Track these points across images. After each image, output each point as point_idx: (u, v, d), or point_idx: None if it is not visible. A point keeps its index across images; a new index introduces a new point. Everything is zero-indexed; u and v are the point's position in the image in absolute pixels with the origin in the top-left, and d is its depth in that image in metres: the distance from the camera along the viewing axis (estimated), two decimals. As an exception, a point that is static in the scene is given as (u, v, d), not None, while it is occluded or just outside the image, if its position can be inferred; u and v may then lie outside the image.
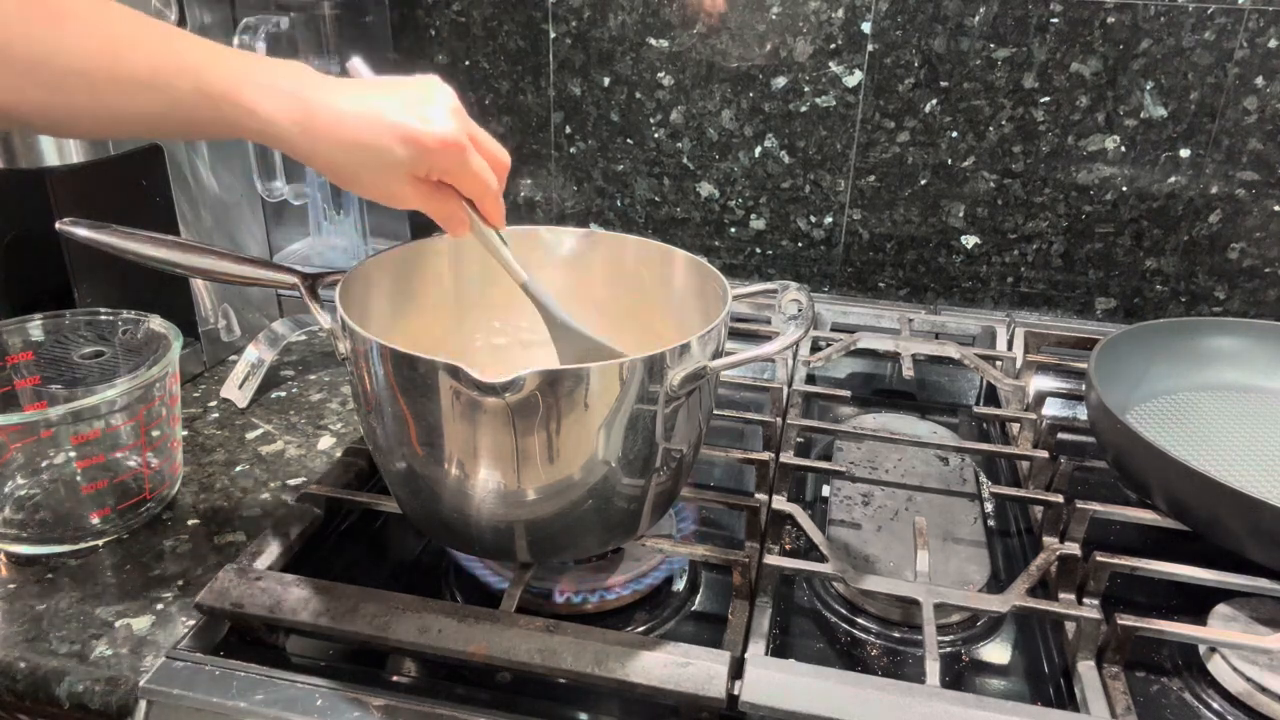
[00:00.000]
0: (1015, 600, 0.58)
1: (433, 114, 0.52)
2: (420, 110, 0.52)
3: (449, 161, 0.53)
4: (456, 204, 0.56)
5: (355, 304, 0.59)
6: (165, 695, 0.54)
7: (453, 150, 0.52)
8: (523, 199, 1.10)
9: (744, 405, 0.88)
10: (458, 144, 0.52)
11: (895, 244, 1.02)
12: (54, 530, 0.68)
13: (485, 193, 0.56)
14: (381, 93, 0.52)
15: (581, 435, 0.53)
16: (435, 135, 0.51)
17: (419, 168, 0.52)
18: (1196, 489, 0.63)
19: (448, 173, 0.54)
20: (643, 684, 0.51)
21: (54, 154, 0.77)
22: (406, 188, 0.53)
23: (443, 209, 0.56)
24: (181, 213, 0.89)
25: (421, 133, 0.51)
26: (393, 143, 0.51)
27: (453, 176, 0.54)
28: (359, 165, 0.52)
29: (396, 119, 0.51)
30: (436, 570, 0.67)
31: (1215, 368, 0.84)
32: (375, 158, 0.52)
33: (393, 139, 0.51)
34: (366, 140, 0.51)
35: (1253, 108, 0.89)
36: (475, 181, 0.55)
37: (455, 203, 0.56)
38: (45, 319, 0.74)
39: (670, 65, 1.00)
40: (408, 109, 0.51)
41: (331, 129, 0.51)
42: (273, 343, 0.92)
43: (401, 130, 0.51)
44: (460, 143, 0.52)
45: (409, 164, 0.52)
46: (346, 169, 0.53)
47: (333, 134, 0.51)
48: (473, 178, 0.54)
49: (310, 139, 0.51)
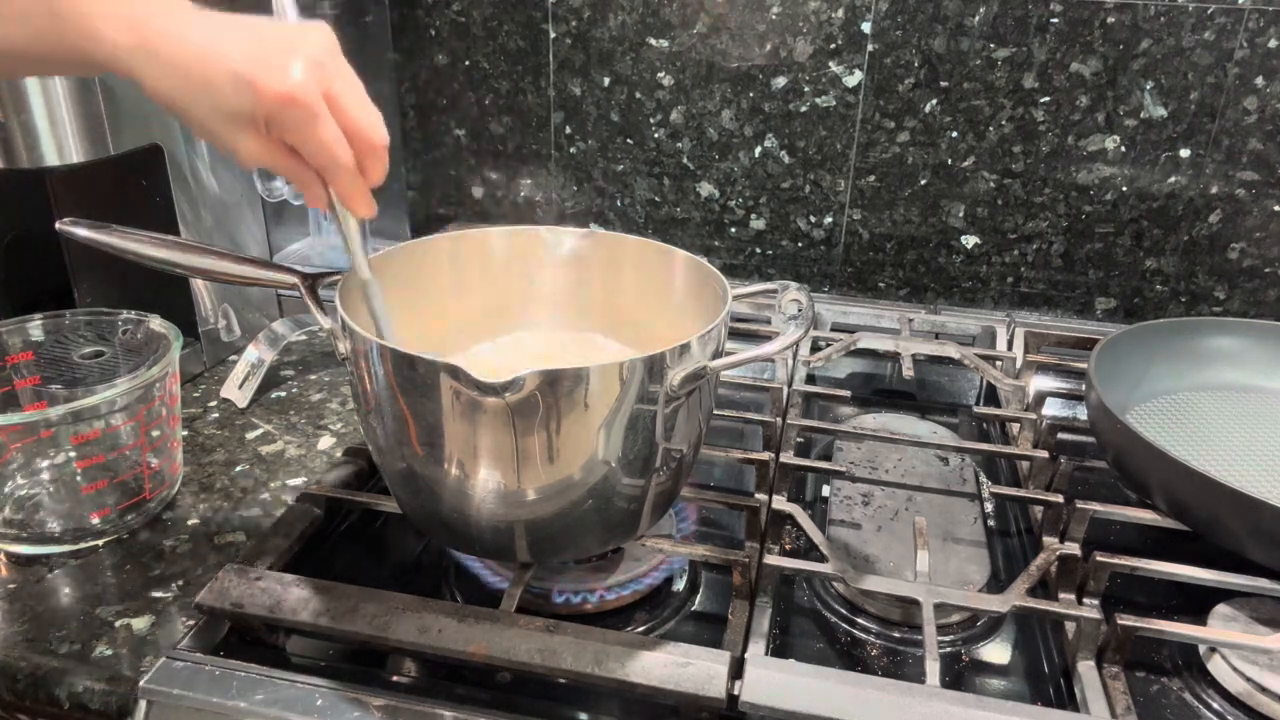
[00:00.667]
0: (1015, 600, 0.58)
1: (285, 61, 0.46)
2: (273, 56, 0.46)
3: (287, 119, 0.47)
4: (309, 173, 0.50)
5: (355, 304, 0.59)
6: (165, 695, 0.54)
7: (291, 106, 0.46)
8: (523, 199, 1.10)
9: (744, 405, 0.88)
10: (300, 101, 0.46)
11: (895, 244, 1.02)
12: (54, 530, 0.68)
13: (333, 167, 0.49)
14: (244, 30, 0.47)
15: (581, 435, 0.53)
16: (274, 87, 0.45)
17: (255, 119, 0.47)
18: (1196, 489, 0.63)
19: (286, 132, 0.47)
20: (643, 684, 0.51)
21: (54, 154, 0.77)
22: (245, 139, 0.48)
23: (294, 174, 0.50)
24: (181, 213, 0.89)
25: (258, 79, 0.45)
26: (225, 83, 0.46)
27: (293, 138, 0.48)
28: (191, 102, 0.47)
29: (236, 59, 0.45)
30: (436, 570, 0.67)
31: (1215, 368, 0.84)
32: (206, 96, 0.46)
33: (227, 79, 0.45)
34: (198, 75, 0.46)
35: (1253, 108, 0.89)
36: (320, 151, 0.48)
37: (308, 172, 0.50)
38: (45, 319, 0.74)
39: (670, 65, 1.00)
40: (258, 51, 0.46)
41: (168, 58, 0.46)
42: (273, 343, 0.92)
43: (237, 71, 0.45)
44: (303, 100, 0.46)
45: (243, 111, 0.46)
46: (180, 104, 0.47)
47: (168, 64, 0.46)
48: (318, 147, 0.48)
49: (147, 66, 0.47)
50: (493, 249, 0.71)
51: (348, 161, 0.49)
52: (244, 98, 0.46)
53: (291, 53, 0.46)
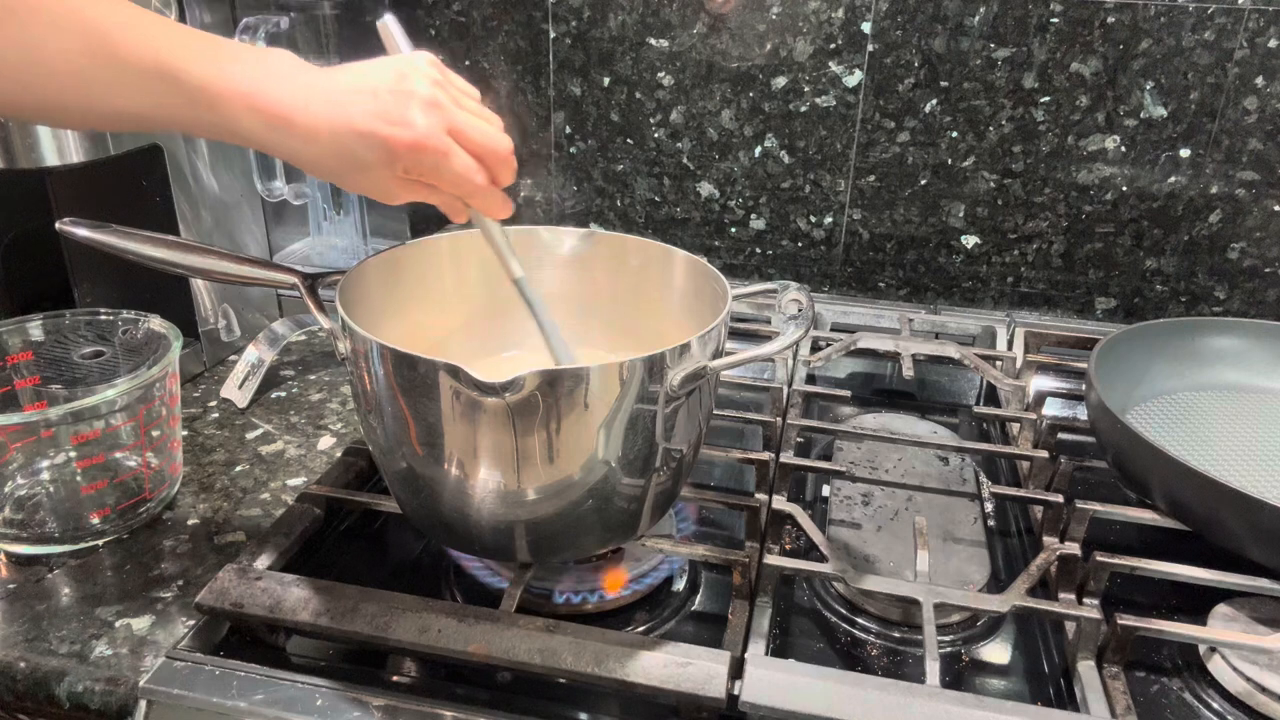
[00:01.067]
0: (1015, 600, 0.58)
1: (406, 113, 0.50)
2: (392, 109, 0.50)
3: (423, 164, 0.51)
4: (448, 195, 0.54)
5: (355, 304, 0.59)
6: (165, 695, 0.54)
7: (423, 153, 0.50)
8: (523, 199, 1.10)
9: (744, 405, 0.88)
10: (429, 147, 0.50)
11: (895, 244, 1.02)
12: (54, 530, 0.68)
13: (471, 192, 0.54)
14: (358, 89, 0.50)
15: (581, 435, 0.53)
16: (403, 138, 0.49)
17: (394, 169, 0.51)
18: (1196, 489, 0.63)
19: (423, 174, 0.52)
20: (643, 684, 0.51)
21: (54, 154, 0.77)
22: (390, 185, 0.52)
23: (436, 200, 0.54)
24: (181, 213, 0.89)
25: (389, 135, 0.49)
26: (360, 146, 0.49)
27: (430, 178, 0.52)
28: (336, 167, 0.51)
29: (364, 122, 0.49)
30: (436, 570, 0.67)
31: (1215, 368, 0.84)
32: (347, 160, 0.50)
33: (360, 142, 0.49)
34: (333, 144, 0.50)
35: (1253, 108, 0.89)
36: (457, 183, 0.53)
37: (447, 195, 0.54)
38: (45, 319, 0.74)
39: (670, 65, 1.00)
40: (379, 109, 0.50)
41: (304, 131, 0.49)
42: (273, 343, 0.92)
43: (368, 133, 0.49)
44: (431, 145, 0.50)
45: (382, 165, 0.50)
46: (327, 169, 0.52)
47: (306, 136, 0.49)
48: (453, 179, 0.52)
49: (285, 141, 0.50)
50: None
51: (483, 184, 0.53)
52: (378, 154, 0.50)
53: (410, 100, 0.50)
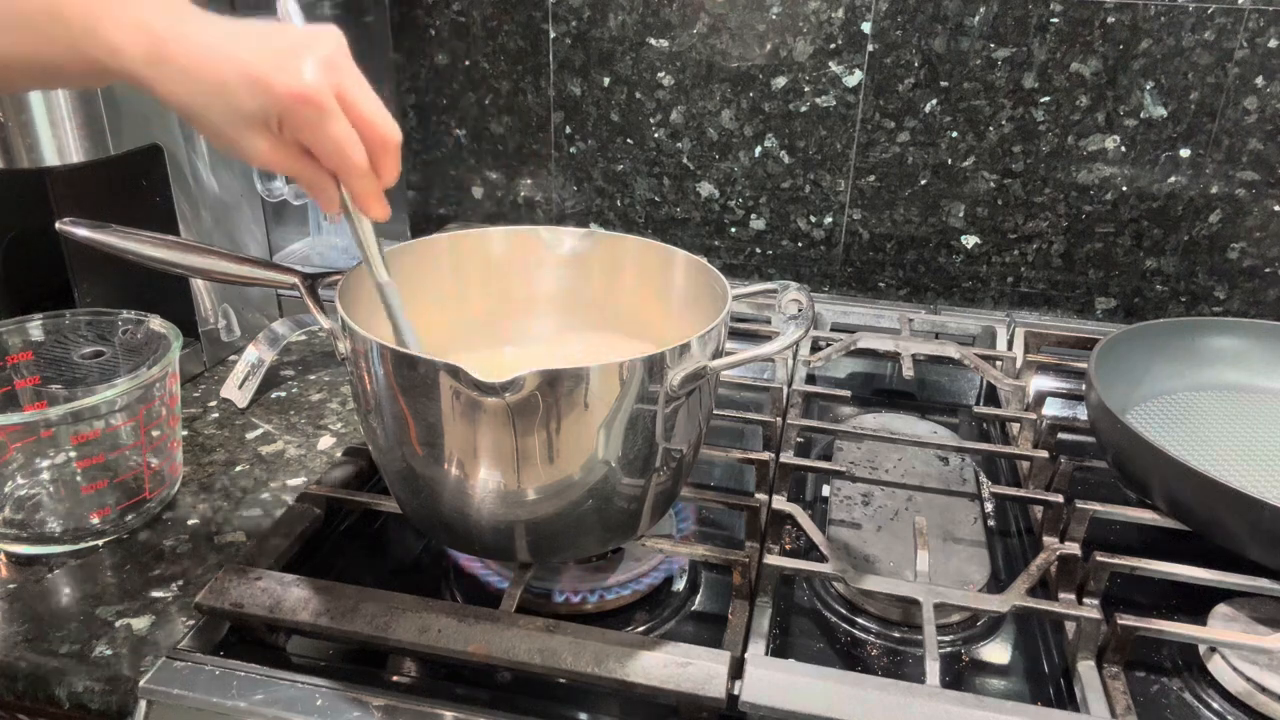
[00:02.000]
0: (1015, 600, 0.58)
1: (297, 63, 0.46)
2: (284, 57, 0.46)
3: (299, 117, 0.47)
4: (323, 175, 0.50)
5: (355, 304, 0.59)
6: (165, 695, 0.54)
7: (304, 104, 0.46)
8: (523, 199, 1.10)
9: (744, 405, 0.88)
10: (312, 99, 0.46)
11: (895, 244, 1.02)
12: (54, 530, 0.68)
13: (347, 167, 0.49)
14: (253, 34, 0.47)
15: (581, 435, 0.53)
16: (287, 84, 0.46)
17: (269, 119, 0.47)
18: (1196, 489, 0.63)
19: (299, 131, 0.48)
20: (643, 684, 0.51)
21: (54, 154, 0.77)
22: (259, 141, 0.48)
23: (307, 176, 0.50)
24: (181, 213, 0.89)
25: (269, 78, 0.46)
26: (238, 84, 0.46)
27: (305, 137, 0.48)
28: (204, 107, 0.47)
29: (248, 59, 0.46)
30: (436, 570, 0.67)
31: (1215, 368, 0.84)
32: (220, 99, 0.47)
33: (239, 80, 0.46)
34: (211, 78, 0.46)
35: (1253, 108, 0.89)
36: (334, 151, 0.49)
37: (321, 173, 0.50)
38: (45, 319, 0.74)
39: (670, 65, 1.00)
40: (269, 52, 0.46)
41: (181, 63, 0.46)
42: (273, 343, 0.92)
43: (249, 71, 0.46)
44: (315, 98, 0.46)
45: (255, 111, 0.47)
46: (193, 109, 0.48)
47: (181, 68, 0.46)
48: (331, 145, 0.48)
49: (157, 71, 0.47)
50: (493, 249, 0.71)
51: (361, 160, 0.49)
52: (257, 98, 0.46)
53: (303, 53, 0.47)
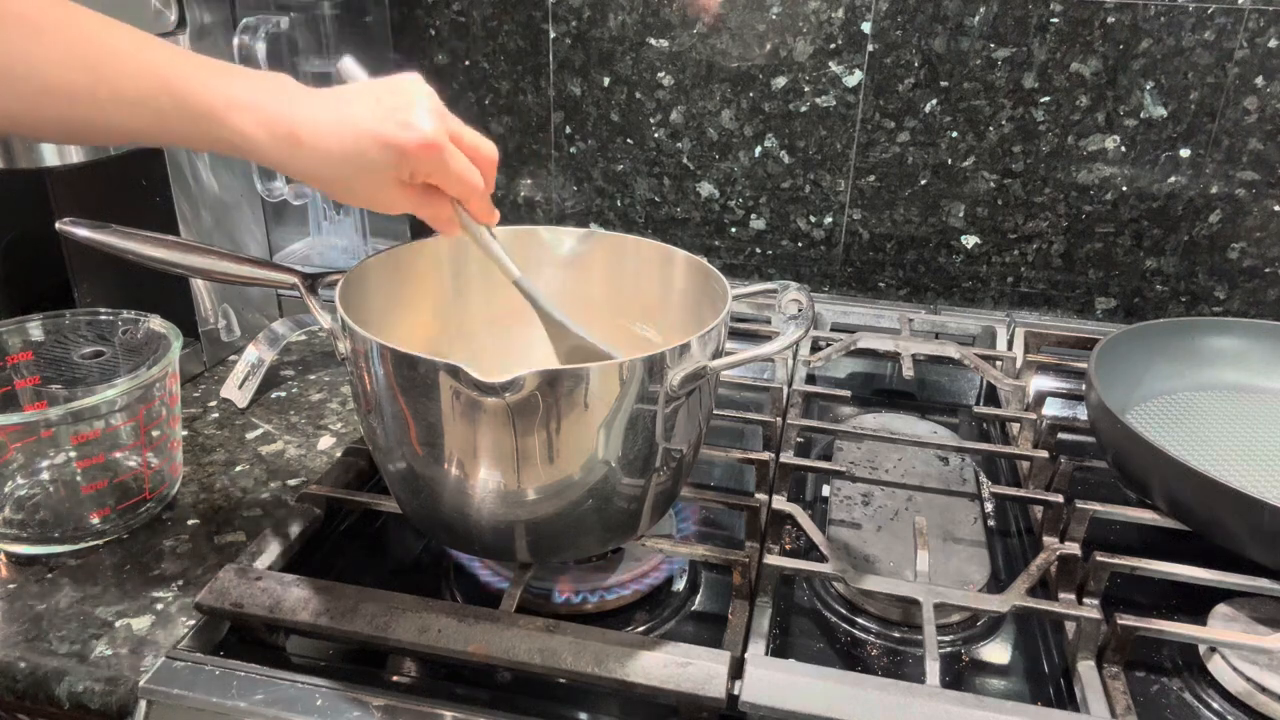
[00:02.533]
0: (1015, 600, 0.58)
1: (411, 117, 0.52)
2: (398, 114, 0.52)
3: (429, 164, 0.53)
4: (445, 205, 0.56)
5: (355, 304, 0.59)
6: (165, 695, 0.54)
7: (432, 152, 0.53)
8: (523, 199, 1.10)
9: (744, 405, 0.88)
10: (436, 145, 0.53)
11: (895, 244, 1.02)
12: (54, 530, 0.68)
13: (471, 192, 0.56)
14: (360, 100, 0.53)
15: (581, 435, 0.53)
16: (413, 139, 0.52)
17: (401, 172, 0.53)
18: (1196, 489, 0.63)
19: (430, 175, 0.54)
20: (643, 684, 0.51)
21: (54, 154, 0.77)
22: (393, 192, 0.54)
23: (432, 210, 0.56)
24: (181, 213, 0.89)
25: (399, 137, 0.52)
26: (372, 150, 0.52)
27: (436, 178, 0.54)
28: (344, 176, 0.53)
29: (373, 126, 0.52)
30: (436, 570, 0.67)
31: (1215, 368, 0.84)
32: (358, 167, 0.52)
33: (372, 146, 0.52)
34: (347, 150, 0.52)
35: (1253, 108, 0.89)
36: (459, 182, 0.55)
37: (444, 204, 0.56)
38: (45, 319, 0.74)
39: (670, 65, 1.00)
40: (385, 114, 0.52)
41: (313, 143, 0.52)
42: (273, 343, 0.92)
43: (379, 136, 0.51)
44: (438, 144, 0.53)
45: (391, 169, 0.52)
46: (332, 180, 0.54)
47: (314, 147, 0.52)
48: (456, 179, 0.55)
49: (293, 154, 0.52)
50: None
51: (480, 182, 0.56)
52: (389, 156, 0.52)
53: (411, 107, 0.52)
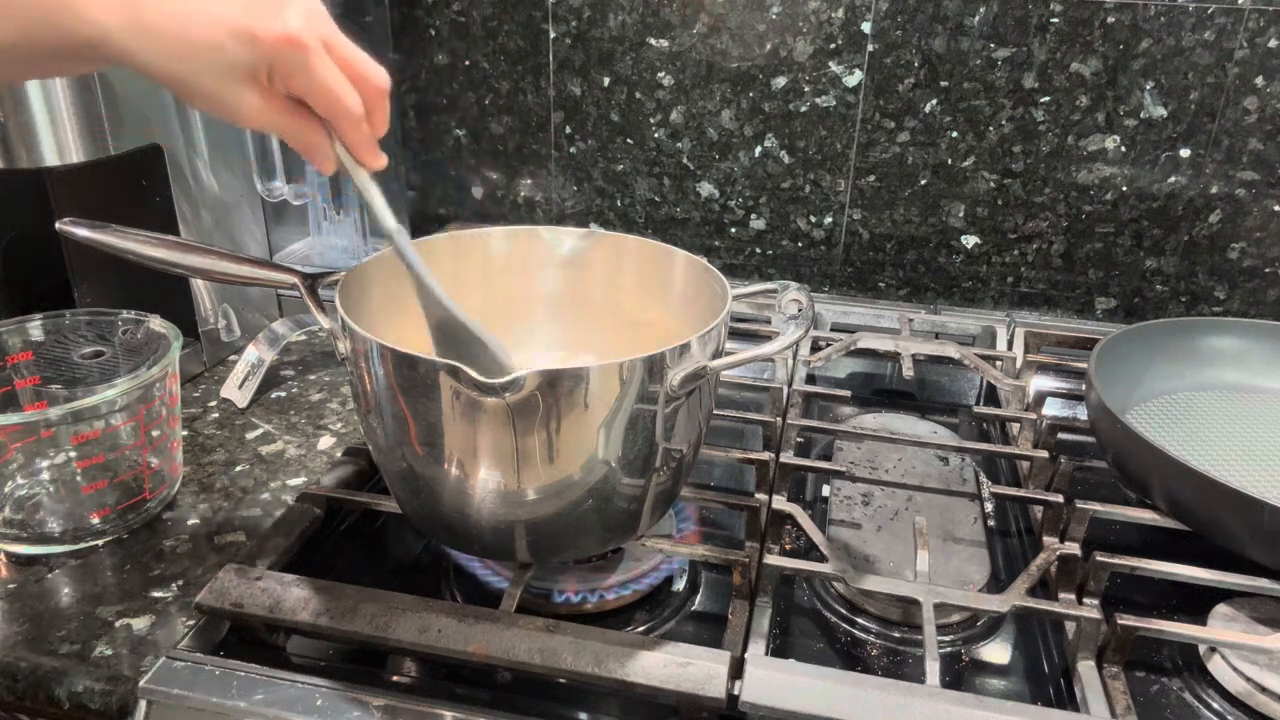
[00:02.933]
0: (1015, 600, 0.58)
1: (280, 10, 0.47)
2: (266, 6, 0.47)
3: (290, 62, 0.47)
4: (316, 129, 0.50)
5: (355, 304, 0.59)
6: (165, 695, 0.54)
7: (294, 49, 0.46)
8: (523, 199, 1.10)
9: (744, 405, 0.88)
10: (300, 41, 0.46)
11: (895, 244, 1.02)
12: (54, 530, 0.68)
13: (341, 111, 0.49)
14: None
15: (581, 435, 0.53)
16: (274, 30, 0.46)
17: (257, 69, 0.47)
18: (1196, 489, 0.63)
19: (291, 76, 0.48)
20: (643, 684, 0.51)
21: (54, 154, 0.77)
22: (250, 96, 0.48)
23: (299, 132, 0.50)
24: (181, 213, 0.89)
25: (257, 28, 0.46)
26: (223, 37, 0.46)
27: (297, 83, 0.48)
28: (191, 69, 0.47)
29: (233, 14, 0.46)
30: (436, 570, 0.67)
31: (1215, 368, 0.84)
32: (206, 57, 0.47)
33: (223, 33, 0.46)
34: (194, 36, 0.46)
35: (1253, 108, 0.89)
36: (325, 95, 0.49)
37: (314, 127, 0.50)
38: (45, 319, 0.74)
39: (670, 65, 1.00)
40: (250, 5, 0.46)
41: (163, 28, 0.46)
42: (273, 343, 0.92)
43: (236, 25, 0.46)
44: (302, 40, 0.47)
45: (244, 64, 0.47)
46: (179, 74, 0.47)
47: (162, 33, 0.46)
48: (321, 89, 0.48)
49: (139, 41, 0.47)
50: (493, 249, 0.71)
51: (354, 102, 0.49)
52: (244, 48, 0.46)
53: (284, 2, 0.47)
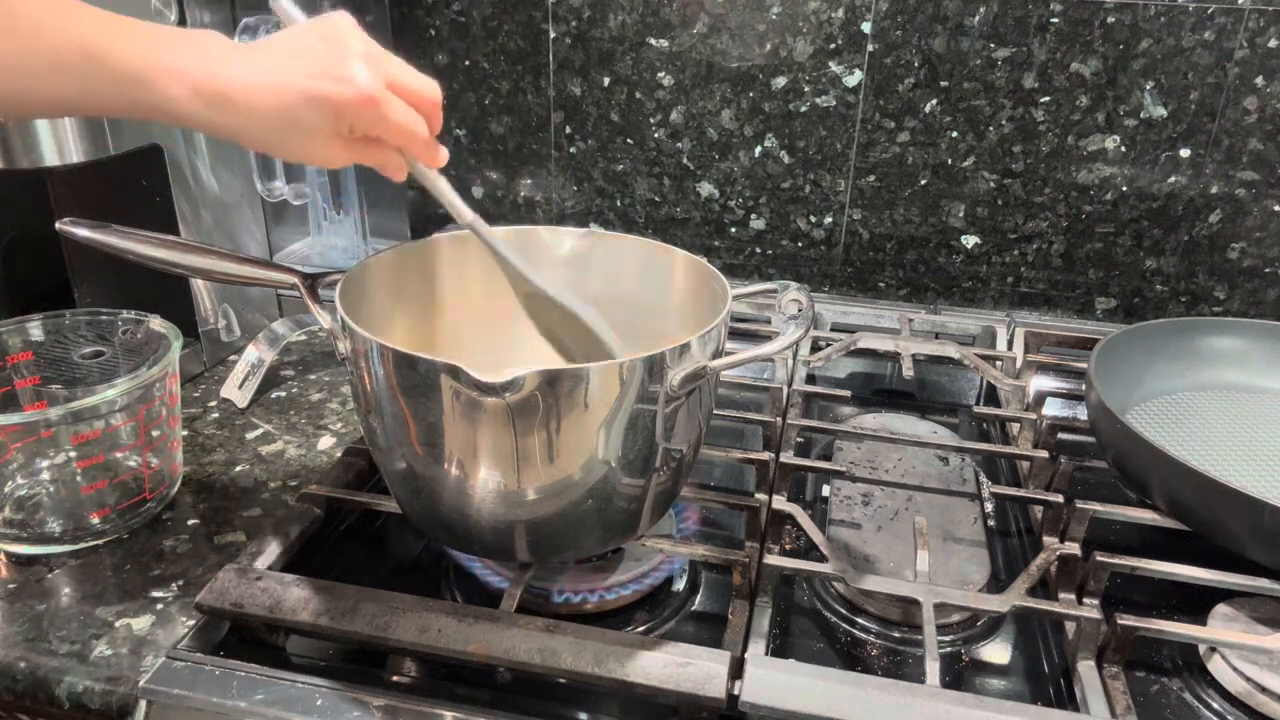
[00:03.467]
0: (1015, 600, 0.58)
1: (346, 70, 0.50)
2: (330, 67, 0.50)
3: (367, 118, 0.51)
4: (390, 152, 0.54)
5: (355, 304, 0.59)
6: (165, 695, 0.54)
7: (369, 106, 0.51)
8: (523, 199, 1.10)
9: (744, 405, 0.88)
10: (372, 100, 0.50)
11: (895, 244, 1.02)
12: (54, 530, 0.68)
13: (412, 141, 0.54)
14: (290, 54, 0.51)
15: (581, 435, 0.53)
16: (348, 94, 0.50)
17: (339, 127, 0.51)
18: (1196, 489, 0.63)
19: (370, 128, 0.52)
20: (643, 684, 0.51)
21: (54, 154, 0.77)
22: (333, 148, 0.52)
23: (377, 160, 0.55)
24: (181, 213, 0.89)
25: (333, 93, 0.50)
26: (306, 108, 0.50)
27: (376, 131, 0.52)
28: (279, 137, 0.51)
29: (307, 84, 0.50)
30: (436, 570, 0.67)
31: (1215, 368, 0.84)
32: (292, 126, 0.50)
33: (306, 105, 0.50)
34: (282, 109, 0.50)
35: (1253, 108, 0.89)
36: (399, 133, 0.53)
37: (388, 152, 0.54)
38: (45, 319, 0.74)
39: (670, 65, 1.00)
40: (319, 70, 0.50)
41: (244, 103, 0.50)
42: (273, 343, 0.92)
43: (313, 94, 0.50)
44: (375, 97, 0.50)
45: (328, 125, 0.51)
46: (268, 141, 0.52)
47: (246, 108, 0.50)
48: (396, 129, 0.53)
49: (224, 116, 0.50)
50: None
51: (423, 131, 0.54)
52: (324, 113, 0.50)
53: (348, 57, 0.50)
